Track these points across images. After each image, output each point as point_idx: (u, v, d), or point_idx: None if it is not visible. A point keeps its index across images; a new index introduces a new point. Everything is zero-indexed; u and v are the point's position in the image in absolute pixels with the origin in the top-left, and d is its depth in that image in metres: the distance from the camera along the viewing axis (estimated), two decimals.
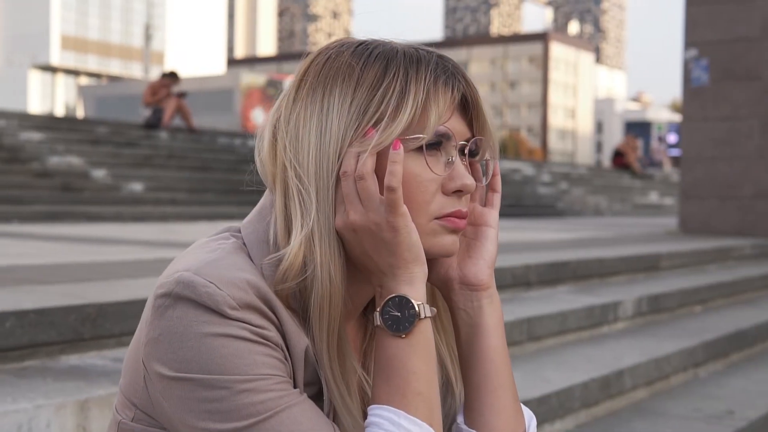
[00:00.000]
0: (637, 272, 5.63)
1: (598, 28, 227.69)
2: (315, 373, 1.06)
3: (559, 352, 3.78)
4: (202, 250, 1.07)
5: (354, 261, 1.07)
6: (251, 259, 1.06)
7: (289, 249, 1.03)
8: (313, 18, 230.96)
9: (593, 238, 7.39)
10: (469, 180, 1.08)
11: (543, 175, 19.66)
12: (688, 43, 8.86)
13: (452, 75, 1.08)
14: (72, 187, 10.28)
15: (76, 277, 3.47)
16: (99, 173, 10.81)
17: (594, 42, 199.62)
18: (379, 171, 1.04)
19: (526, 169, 19.98)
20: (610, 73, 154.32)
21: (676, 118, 76.68)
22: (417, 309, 1.04)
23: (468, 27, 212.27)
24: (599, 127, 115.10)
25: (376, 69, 1.06)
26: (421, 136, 1.04)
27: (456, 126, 1.08)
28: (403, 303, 1.04)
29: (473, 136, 1.11)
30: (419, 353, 1.04)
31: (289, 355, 1.04)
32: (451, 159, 1.07)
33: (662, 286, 5.19)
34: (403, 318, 1.04)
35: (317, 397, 1.06)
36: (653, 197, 20.69)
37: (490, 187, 1.16)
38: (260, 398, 0.98)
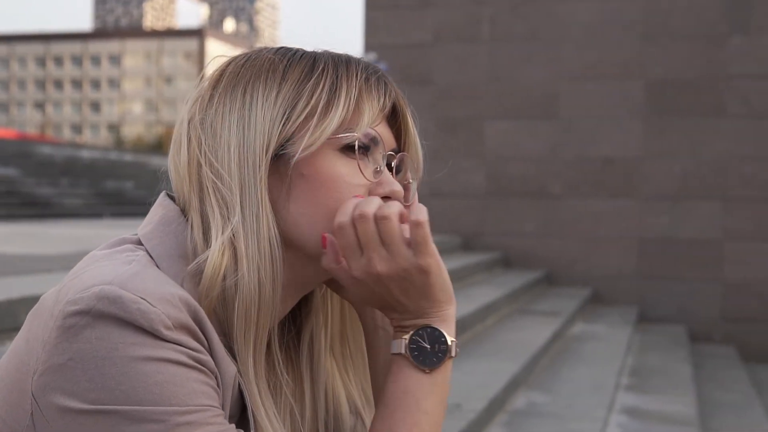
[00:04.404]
0: None
1: (252, 27, 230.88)
2: (237, 403, 0.92)
3: None
4: (113, 262, 0.89)
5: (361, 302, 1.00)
6: None
7: (209, 252, 0.89)
8: None
9: None
10: (398, 187, 1.01)
11: None
12: (368, 46, 9.19)
13: (383, 78, 1.02)
14: None
15: None
16: None
17: (249, 40, 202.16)
18: (316, 174, 0.95)
19: None
20: None
21: None
22: (449, 345, 0.96)
23: (120, 19, 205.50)
24: None
25: (303, 65, 0.99)
26: (353, 134, 0.96)
27: (384, 133, 1.01)
28: (435, 336, 0.96)
29: (399, 148, 1.04)
30: (437, 393, 0.96)
31: (220, 383, 0.89)
32: (380, 168, 1.00)
33: None
34: (431, 352, 0.96)
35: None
36: None
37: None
38: None
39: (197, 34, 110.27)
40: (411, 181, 1.07)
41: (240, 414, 0.92)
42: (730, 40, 7.89)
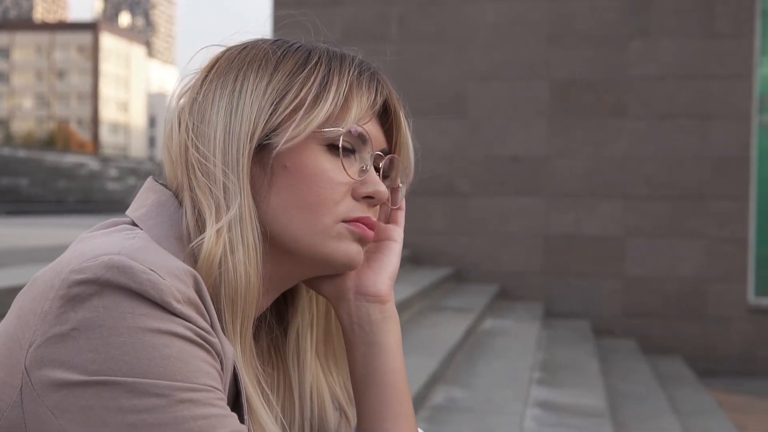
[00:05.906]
0: None
1: (148, 22, 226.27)
2: (232, 389, 0.90)
3: None
4: (114, 238, 0.86)
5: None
6: None
7: (205, 236, 0.89)
8: None
9: None
10: (382, 188, 0.99)
11: (110, 170, 19.12)
12: None
13: (376, 75, 1.02)
14: None
15: None
16: None
17: (145, 35, 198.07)
18: (299, 167, 0.95)
19: (93, 163, 19.30)
20: (163, 67, 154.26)
21: None
22: None
23: (8, 10, 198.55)
24: (152, 122, 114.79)
25: (297, 57, 0.99)
26: (339, 129, 0.96)
27: (374, 132, 1.00)
28: None
29: (389, 149, 1.03)
30: None
31: (225, 366, 0.87)
32: (366, 167, 0.99)
33: None
34: None
35: None
36: None
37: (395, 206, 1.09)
38: (203, 413, 0.79)
39: (91, 27, 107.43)
40: (401, 185, 1.05)
41: (233, 401, 0.90)
42: (630, 42, 8.14)
